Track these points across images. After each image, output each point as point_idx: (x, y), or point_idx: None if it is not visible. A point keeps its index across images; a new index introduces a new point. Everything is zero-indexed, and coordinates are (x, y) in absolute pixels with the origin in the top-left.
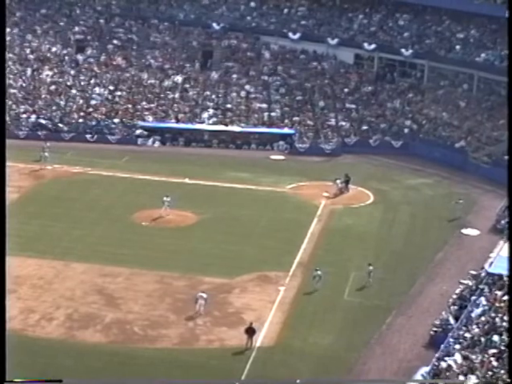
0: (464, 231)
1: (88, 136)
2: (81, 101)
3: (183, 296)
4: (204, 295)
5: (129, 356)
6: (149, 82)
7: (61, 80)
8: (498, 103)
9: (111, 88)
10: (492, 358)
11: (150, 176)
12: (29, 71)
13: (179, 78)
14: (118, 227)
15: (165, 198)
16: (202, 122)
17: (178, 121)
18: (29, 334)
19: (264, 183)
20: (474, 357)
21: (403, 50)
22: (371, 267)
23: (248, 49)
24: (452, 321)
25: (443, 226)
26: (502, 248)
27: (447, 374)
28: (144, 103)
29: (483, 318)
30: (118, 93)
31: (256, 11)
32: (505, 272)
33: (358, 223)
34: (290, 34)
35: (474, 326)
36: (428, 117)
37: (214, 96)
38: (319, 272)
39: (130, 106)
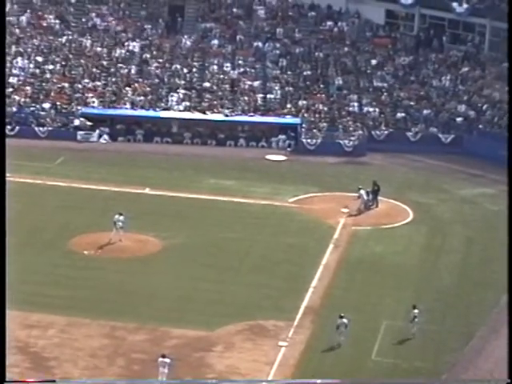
0: None
1: (6, 128)
2: None
3: (142, 356)
4: (167, 360)
5: None
6: (93, 50)
7: None
8: None
9: (39, 59)
10: None
11: (95, 185)
12: None
13: (136, 46)
14: (50, 258)
15: (116, 217)
16: (169, 108)
17: (134, 106)
18: None
19: (257, 195)
20: None
21: (455, 5)
22: (416, 311)
23: (234, 3)
24: None
25: None
26: None
27: None
28: (86, 81)
29: None
30: (50, 66)
31: None
32: None
33: (392, 251)
34: None
35: None
36: (491, 100)
37: (185, 71)
38: (345, 320)
39: (66, 84)
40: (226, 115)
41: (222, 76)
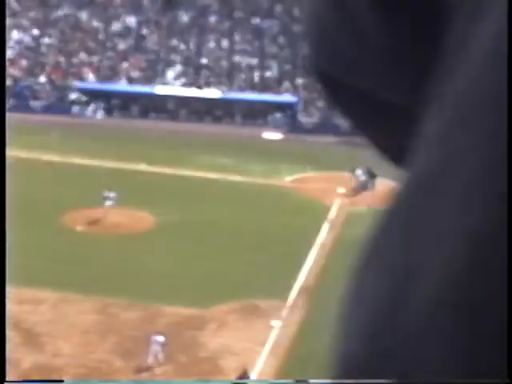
0: None
1: None
2: None
3: (135, 333)
4: (160, 339)
5: None
6: (89, 24)
7: None
8: None
9: (35, 33)
10: None
11: (89, 160)
12: None
13: (133, 20)
14: (42, 233)
15: (106, 194)
16: (166, 84)
17: (130, 82)
18: None
19: (253, 173)
20: None
21: None
22: None
23: None
24: None
25: None
26: None
27: None
28: (82, 55)
29: None
30: (46, 40)
31: None
32: None
33: None
34: None
35: None
36: None
37: (182, 47)
38: None
39: (61, 59)
40: (223, 92)
41: (218, 53)
